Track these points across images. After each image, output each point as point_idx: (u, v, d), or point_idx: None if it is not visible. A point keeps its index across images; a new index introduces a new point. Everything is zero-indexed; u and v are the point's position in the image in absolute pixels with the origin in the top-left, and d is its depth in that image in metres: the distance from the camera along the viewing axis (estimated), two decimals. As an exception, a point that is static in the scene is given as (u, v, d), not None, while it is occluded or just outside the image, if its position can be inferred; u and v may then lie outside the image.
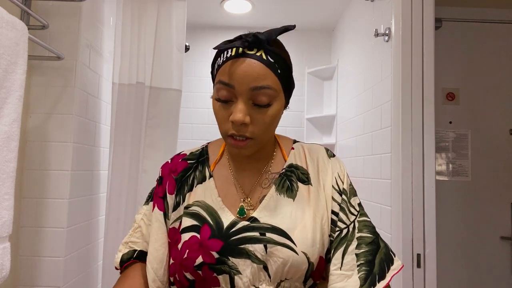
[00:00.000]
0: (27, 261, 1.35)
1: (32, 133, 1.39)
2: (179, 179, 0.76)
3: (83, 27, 1.45)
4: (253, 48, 0.64)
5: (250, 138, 0.66)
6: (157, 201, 0.76)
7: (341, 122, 2.40)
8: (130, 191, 1.61)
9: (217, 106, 0.67)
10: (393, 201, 1.47)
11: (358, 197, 0.75)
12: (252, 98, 0.64)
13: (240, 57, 0.64)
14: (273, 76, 0.64)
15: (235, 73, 0.63)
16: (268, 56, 0.64)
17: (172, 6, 1.69)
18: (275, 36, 0.65)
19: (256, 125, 0.65)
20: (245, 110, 0.63)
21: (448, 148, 1.98)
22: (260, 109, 0.65)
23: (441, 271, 1.54)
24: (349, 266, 0.66)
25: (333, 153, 0.79)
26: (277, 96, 0.66)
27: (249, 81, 0.62)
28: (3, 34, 0.99)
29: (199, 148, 0.81)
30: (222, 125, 0.67)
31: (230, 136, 0.66)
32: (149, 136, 1.64)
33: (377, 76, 1.71)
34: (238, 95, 0.64)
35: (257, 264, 0.65)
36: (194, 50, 2.66)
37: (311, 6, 2.39)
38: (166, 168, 0.79)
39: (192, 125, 2.66)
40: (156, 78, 1.65)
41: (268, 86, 0.63)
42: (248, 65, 0.63)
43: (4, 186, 1.00)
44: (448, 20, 1.88)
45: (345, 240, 0.68)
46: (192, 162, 0.78)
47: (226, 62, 0.65)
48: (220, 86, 0.65)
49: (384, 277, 0.65)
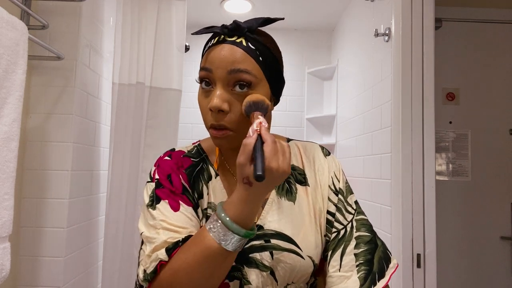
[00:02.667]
0: (27, 261, 1.35)
1: (32, 133, 1.39)
2: (190, 174, 0.71)
3: (83, 27, 1.45)
4: (234, 36, 0.64)
5: (228, 129, 0.63)
6: (178, 198, 0.66)
7: (341, 122, 2.40)
8: (130, 191, 1.61)
9: (200, 96, 0.66)
10: (393, 201, 1.47)
11: (354, 194, 0.75)
12: (230, 83, 0.62)
13: (221, 43, 0.63)
14: (253, 62, 0.63)
15: (213, 57, 0.63)
16: (249, 43, 0.63)
17: (172, 6, 1.69)
18: (256, 25, 0.65)
19: (235, 113, 0.62)
20: (222, 95, 0.62)
21: (448, 148, 1.98)
22: (239, 96, 0.62)
23: (441, 271, 1.54)
24: (348, 267, 0.65)
25: (328, 151, 0.79)
26: (257, 84, 0.63)
27: (226, 64, 0.61)
28: (3, 34, 0.99)
29: (192, 147, 0.77)
30: (204, 116, 0.66)
31: (212, 128, 0.64)
32: (149, 136, 1.64)
33: (377, 76, 1.71)
34: (216, 80, 0.62)
35: (265, 272, 0.65)
36: (194, 50, 2.66)
37: (311, 6, 2.39)
38: (168, 164, 0.71)
39: (192, 125, 2.65)
40: (156, 78, 1.65)
41: (245, 69, 0.61)
42: (226, 49, 0.62)
43: (4, 186, 1.00)
44: (448, 20, 1.88)
45: (342, 241, 0.68)
46: (195, 160, 0.73)
47: (209, 49, 0.65)
48: (202, 72, 0.64)
49: (384, 276, 0.65)
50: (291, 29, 2.71)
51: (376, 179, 1.69)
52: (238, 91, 0.62)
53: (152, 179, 0.70)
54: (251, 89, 0.63)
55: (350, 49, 2.27)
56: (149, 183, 0.70)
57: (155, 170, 0.71)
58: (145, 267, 0.61)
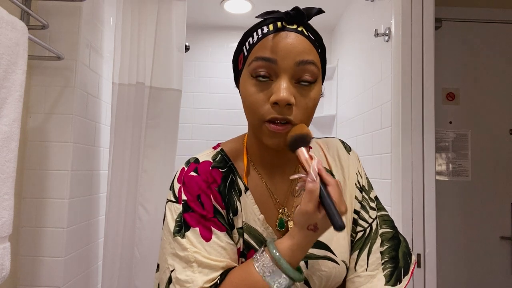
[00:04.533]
0: (27, 261, 1.35)
1: (32, 133, 1.39)
2: (223, 191, 0.63)
3: (83, 27, 1.45)
4: (293, 23, 0.58)
5: (291, 124, 0.57)
6: (210, 224, 0.60)
7: (341, 122, 2.40)
8: (130, 191, 1.61)
9: (251, 89, 0.58)
10: (393, 201, 1.47)
11: (374, 190, 0.73)
12: (296, 75, 0.57)
13: (281, 31, 0.57)
14: (316, 54, 0.59)
15: (278, 46, 0.56)
16: (309, 33, 0.59)
17: (172, 6, 1.69)
18: (313, 14, 0.60)
19: (299, 108, 0.57)
20: (289, 88, 0.56)
21: (448, 148, 1.98)
22: (303, 90, 0.57)
23: (441, 271, 1.54)
24: (374, 265, 0.64)
25: (349, 146, 0.76)
26: (319, 76, 0.59)
27: (294, 55, 0.56)
28: (3, 34, 0.99)
29: (215, 153, 0.68)
30: (258, 109, 0.58)
31: (269, 121, 0.57)
32: (149, 136, 1.64)
33: (377, 76, 1.71)
34: (281, 72, 0.56)
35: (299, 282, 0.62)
36: (194, 50, 2.66)
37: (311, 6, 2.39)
38: (196, 181, 0.63)
39: (192, 125, 2.65)
40: (156, 78, 1.65)
41: (313, 61, 0.57)
42: (293, 38, 0.57)
43: (4, 186, 1.00)
44: (448, 20, 1.88)
45: (369, 240, 0.66)
46: (224, 171, 0.66)
47: (264, 37, 0.58)
48: (259, 63, 0.57)
49: (408, 272, 0.64)
50: (291, 29, 2.71)
51: (376, 179, 1.69)
52: (303, 85, 0.57)
53: (178, 200, 0.62)
54: (314, 84, 0.58)
55: (350, 49, 2.27)
56: (173, 203, 0.62)
57: (180, 188, 0.62)
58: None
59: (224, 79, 2.68)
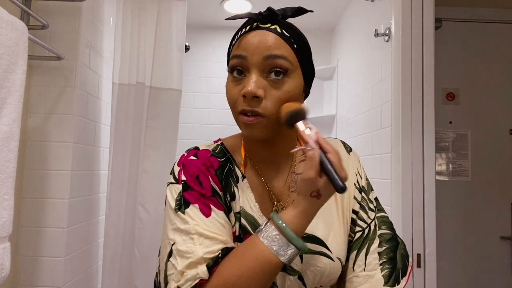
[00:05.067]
0: (27, 261, 1.35)
1: (32, 133, 1.39)
2: (220, 175, 0.66)
3: (83, 27, 1.45)
4: (267, 23, 0.62)
5: (261, 116, 0.59)
6: (208, 202, 0.62)
7: (341, 122, 2.40)
8: (130, 191, 1.61)
9: (229, 84, 0.63)
10: (393, 201, 1.47)
11: (374, 191, 0.73)
12: (266, 69, 0.60)
13: (254, 30, 0.62)
14: (288, 48, 0.61)
15: (247, 44, 0.61)
16: (283, 30, 0.62)
17: (172, 6, 1.69)
18: (290, 12, 0.63)
19: (270, 100, 0.59)
20: (258, 82, 0.59)
21: (448, 148, 1.98)
22: (275, 83, 0.60)
23: (441, 271, 1.54)
24: (372, 265, 0.65)
25: (350, 147, 0.77)
26: (293, 71, 0.61)
27: (262, 50, 0.59)
28: (3, 34, 0.99)
29: (215, 145, 0.72)
30: (234, 103, 0.62)
31: (242, 114, 0.61)
32: (149, 136, 1.64)
33: (377, 76, 1.71)
34: (251, 67, 0.60)
35: (292, 276, 0.63)
36: (194, 50, 2.66)
37: (311, 6, 2.38)
38: (195, 164, 0.65)
39: (192, 125, 2.65)
40: (156, 78, 1.65)
41: (282, 55, 0.59)
42: (262, 35, 0.61)
43: (4, 186, 1.00)
44: (448, 20, 1.88)
45: (367, 240, 0.67)
46: (222, 160, 0.68)
47: (240, 37, 0.63)
48: (234, 61, 0.62)
49: (406, 274, 0.65)
50: (291, 29, 2.71)
51: (376, 179, 1.69)
52: (274, 78, 0.60)
53: (177, 181, 0.64)
54: (287, 77, 0.61)
55: (350, 49, 2.27)
56: (173, 184, 0.64)
57: (180, 170, 0.65)
58: (178, 283, 0.55)
59: (224, 79, 2.65)
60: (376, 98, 1.72)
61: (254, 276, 0.53)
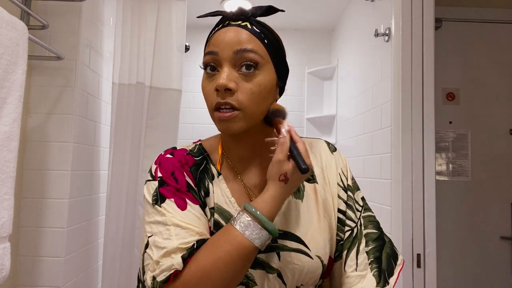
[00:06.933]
0: (27, 261, 1.35)
1: (32, 133, 1.39)
2: (194, 172, 0.68)
3: (83, 27, 1.45)
4: (238, 20, 0.65)
5: (236, 109, 0.61)
6: (184, 196, 0.63)
7: (341, 122, 2.40)
8: (130, 191, 1.61)
9: (204, 81, 0.65)
10: (393, 201, 1.47)
11: (361, 191, 0.74)
12: (237, 63, 0.61)
13: (225, 27, 0.64)
14: (259, 43, 0.63)
15: (218, 40, 0.63)
16: (254, 27, 0.64)
17: (172, 6, 1.69)
18: (260, 11, 0.66)
19: (242, 93, 0.61)
20: (230, 75, 0.61)
21: (448, 148, 1.98)
22: (246, 76, 0.61)
23: (441, 271, 1.54)
24: (362, 266, 0.65)
25: (334, 147, 0.77)
26: (264, 65, 0.63)
27: (232, 45, 0.61)
28: (3, 34, 0.99)
29: (193, 145, 0.74)
30: (208, 99, 0.63)
31: (217, 110, 0.62)
32: (149, 136, 1.64)
33: (377, 76, 1.71)
34: (222, 61, 0.62)
35: (271, 274, 0.63)
36: (194, 50, 2.66)
37: (311, 6, 2.39)
38: (171, 161, 0.68)
39: (192, 125, 2.65)
40: (156, 78, 1.65)
41: (252, 49, 0.61)
42: (232, 31, 0.63)
43: (4, 186, 1.00)
44: (448, 20, 1.88)
45: (356, 239, 0.67)
46: (197, 158, 0.70)
47: (212, 35, 0.66)
48: (206, 57, 0.64)
49: (393, 274, 0.65)
50: (291, 29, 2.72)
51: (376, 179, 1.69)
52: (245, 72, 0.61)
53: (154, 178, 0.66)
54: (258, 70, 0.62)
55: (350, 49, 2.27)
56: (150, 181, 0.66)
57: (156, 168, 0.67)
58: (154, 273, 0.56)
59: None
60: (376, 98, 1.72)
61: (230, 261, 0.55)
